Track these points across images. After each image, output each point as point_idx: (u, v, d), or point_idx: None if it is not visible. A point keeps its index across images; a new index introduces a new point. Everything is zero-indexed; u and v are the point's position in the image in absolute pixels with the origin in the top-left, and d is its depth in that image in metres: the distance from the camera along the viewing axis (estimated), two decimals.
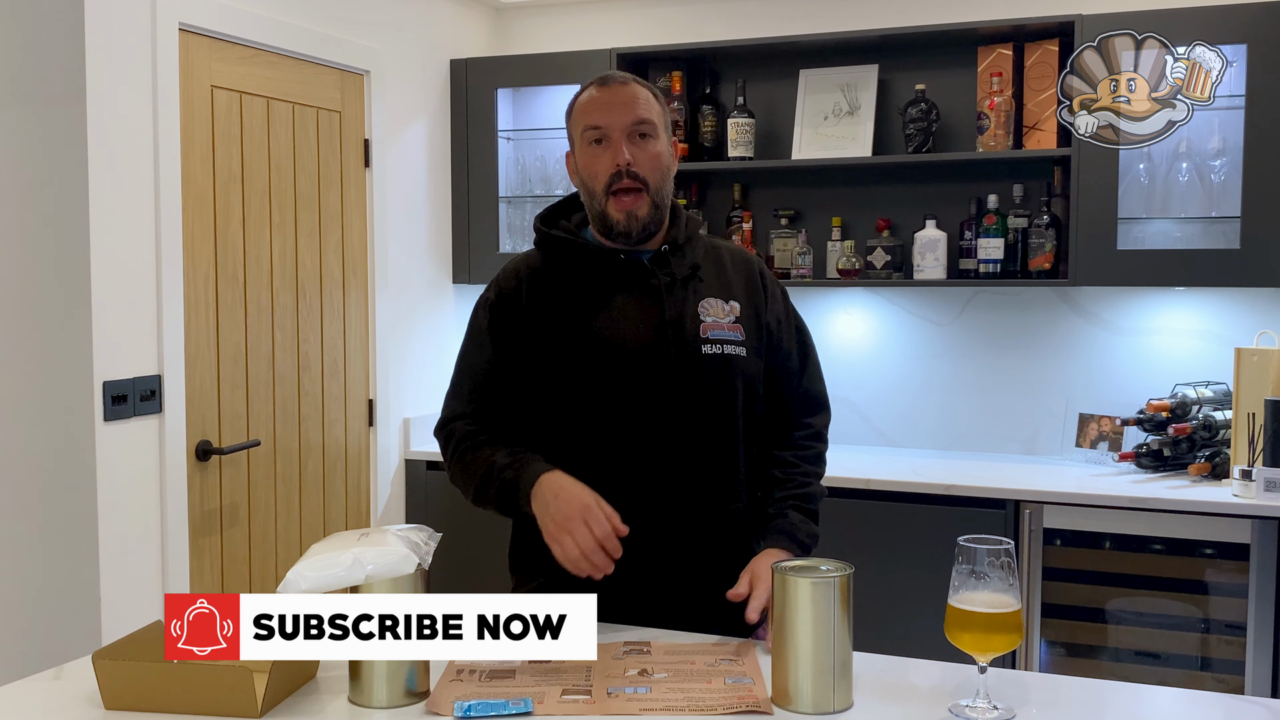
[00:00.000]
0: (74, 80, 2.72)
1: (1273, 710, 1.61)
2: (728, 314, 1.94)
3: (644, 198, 1.88)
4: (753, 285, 2.01)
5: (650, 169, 1.89)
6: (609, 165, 1.87)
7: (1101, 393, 3.72)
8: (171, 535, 2.98)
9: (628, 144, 1.88)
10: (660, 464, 1.88)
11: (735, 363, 1.92)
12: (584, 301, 1.91)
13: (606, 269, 1.93)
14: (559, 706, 1.53)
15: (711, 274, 1.97)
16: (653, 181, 1.89)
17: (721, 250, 2.04)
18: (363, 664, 1.54)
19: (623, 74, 1.94)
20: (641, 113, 1.89)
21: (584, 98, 1.94)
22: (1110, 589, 3.24)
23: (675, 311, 1.90)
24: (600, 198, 1.89)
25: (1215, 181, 3.41)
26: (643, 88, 1.92)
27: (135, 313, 2.88)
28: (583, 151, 1.92)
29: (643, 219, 1.89)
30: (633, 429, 1.87)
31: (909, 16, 3.79)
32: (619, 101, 1.89)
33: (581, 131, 1.91)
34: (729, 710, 1.51)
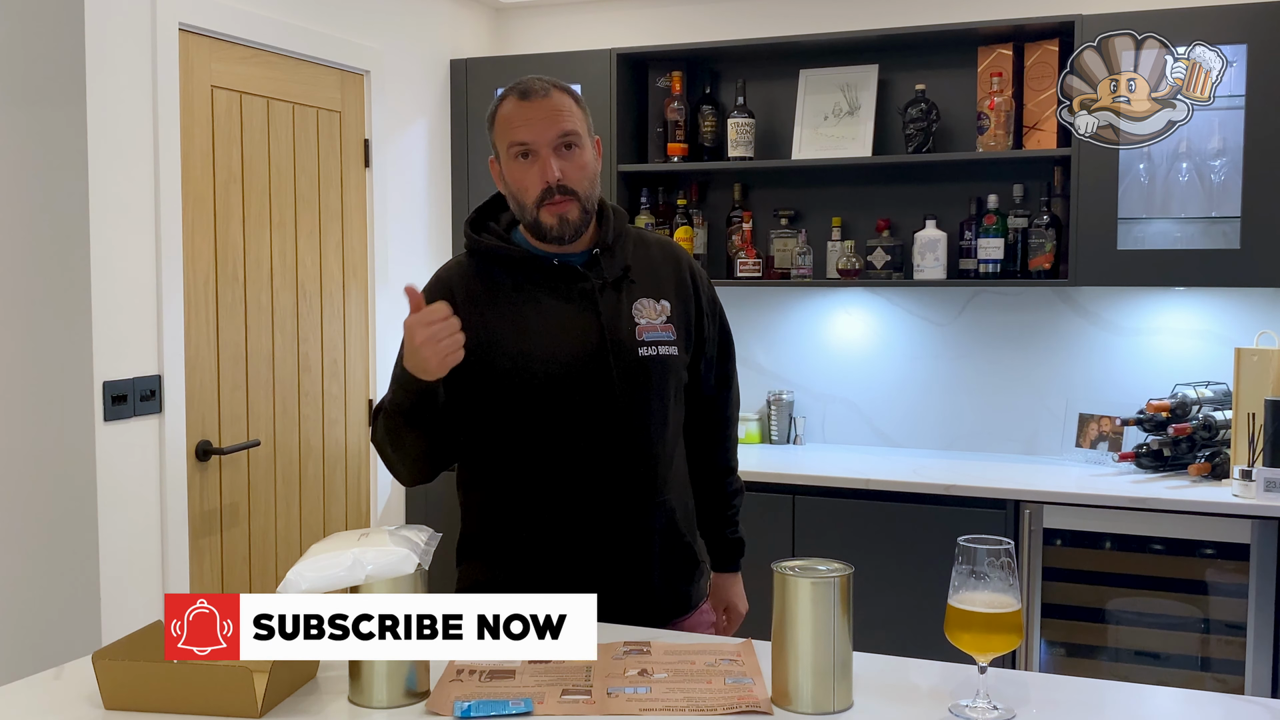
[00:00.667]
0: (74, 80, 2.72)
1: (1273, 710, 1.61)
2: (660, 314, 1.99)
3: (574, 203, 1.92)
4: (681, 279, 2.06)
5: (578, 179, 1.92)
6: (538, 181, 1.90)
7: (1101, 393, 3.72)
8: (171, 535, 2.98)
9: (555, 158, 1.90)
10: (599, 463, 1.93)
11: (669, 363, 1.98)
12: (517, 307, 1.94)
13: (539, 274, 1.96)
14: (559, 706, 1.53)
15: (642, 273, 2.02)
16: (582, 190, 1.93)
17: (649, 244, 2.08)
18: (363, 664, 1.54)
19: (542, 83, 1.94)
20: (565, 124, 1.91)
21: (506, 110, 1.94)
22: (1110, 589, 3.24)
23: (611, 315, 1.95)
24: (530, 210, 1.93)
25: (1215, 181, 3.41)
26: (564, 95, 1.94)
27: (135, 313, 2.88)
28: (510, 164, 1.94)
29: (574, 222, 1.93)
30: (574, 431, 1.92)
31: (909, 16, 3.79)
32: (542, 115, 1.90)
33: (507, 147, 1.93)
34: (729, 710, 1.51)
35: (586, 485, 1.93)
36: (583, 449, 1.93)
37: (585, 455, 1.93)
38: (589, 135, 1.97)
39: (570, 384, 1.91)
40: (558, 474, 1.92)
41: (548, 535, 1.94)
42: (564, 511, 1.91)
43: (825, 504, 3.49)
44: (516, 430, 1.94)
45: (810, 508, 3.50)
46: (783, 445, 4.04)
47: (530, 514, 1.96)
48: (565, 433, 1.92)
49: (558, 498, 1.92)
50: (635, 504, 1.96)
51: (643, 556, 1.98)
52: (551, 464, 1.93)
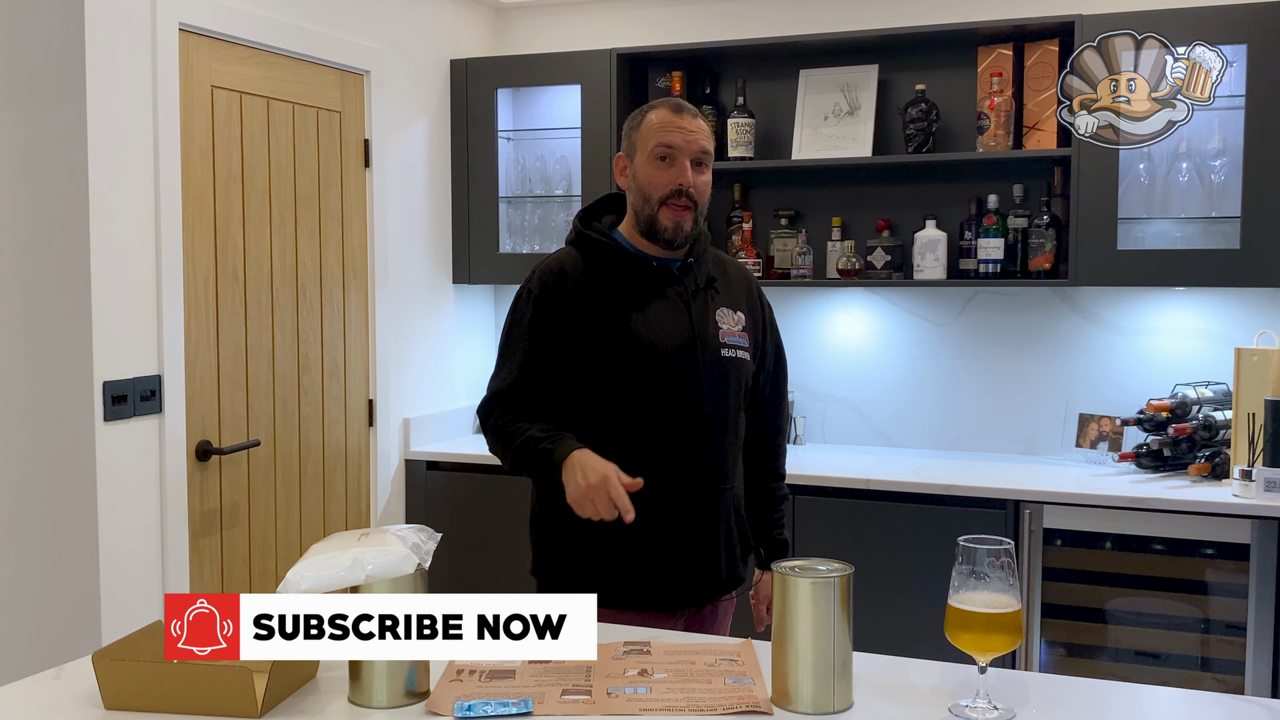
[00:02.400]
0: (74, 80, 2.72)
1: (1273, 710, 1.61)
2: (737, 323, 2.23)
3: (692, 214, 2.15)
4: (751, 298, 2.32)
5: (702, 193, 2.17)
6: (672, 181, 2.12)
7: (1101, 393, 3.72)
8: (171, 535, 2.98)
9: (692, 168, 2.14)
10: (683, 450, 2.13)
11: (743, 366, 2.23)
12: (622, 302, 2.14)
13: (640, 273, 2.17)
14: (559, 706, 1.53)
15: (723, 286, 2.26)
16: (701, 204, 2.17)
17: (726, 264, 2.33)
18: (363, 664, 1.54)
19: (691, 106, 2.19)
20: (705, 144, 2.16)
21: (659, 117, 2.16)
22: (1110, 589, 3.24)
23: (700, 317, 2.17)
24: (654, 205, 2.13)
25: (1215, 181, 3.41)
26: (704, 122, 2.19)
27: (135, 313, 2.88)
28: (647, 163, 2.15)
29: (686, 231, 2.15)
30: (663, 419, 2.11)
31: (909, 16, 3.79)
32: (690, 130, 2.14)
33: (653, 147, 2.14)
34: (729, 710, 1.52)
35: (668, 469, 2.10)
36: (668, 435, 2.11)
37: (669, 441, 2.11)
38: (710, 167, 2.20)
39: (665, 372, 2.11)
40: (643, 457, 2.06)
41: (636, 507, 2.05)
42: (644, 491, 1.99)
43: (825, 504, 3.49)
44: (610, 414, 2.12)
45: (810, 508, 3.50)
46: None
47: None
48: (655, 419, 2.11)
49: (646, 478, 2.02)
50: (708, 489, 2.16)
51: (711, 537, 2.17)
52: (639, 447, 2.09)
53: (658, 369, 2.11)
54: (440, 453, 3.95)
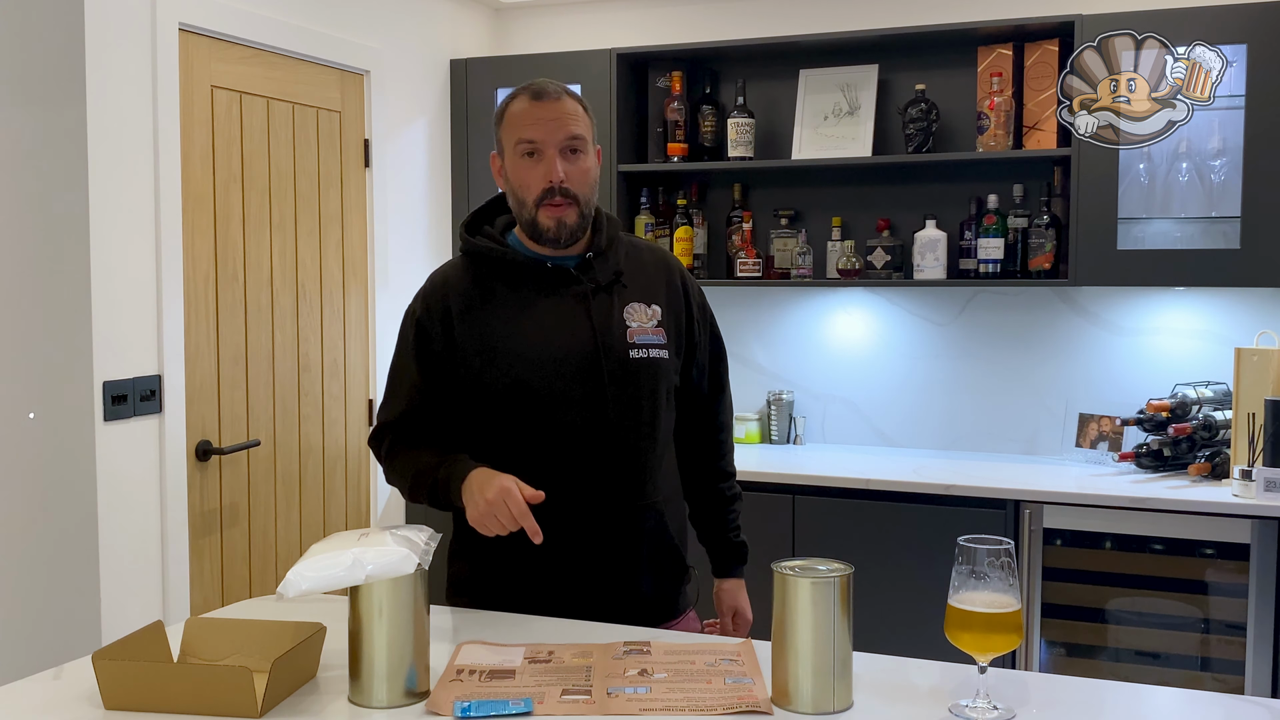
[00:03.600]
0: (74, 80, 2.72)
1: (1273, 710, 1.61)
2: (650, 318, 2.02)
3: (574, 209, 1.95)
4: (672, 286, 2.08)
5: (580, 183, 1.95)
6: (541, 180, 1.93)
7: (1101, 393, 3.72)
8: (171, 535, 2.98)
9: (560, 159, 1.93)
10: (591, 464, 1.95)
11: (660, 365, 2.01)
12: (512, 310, 1.97)
13: (533, 277, 1.99)
14: (559, 706, 1.53)
15: (634, 277, 2.04)
16: (582, 195, 1.96)
17: (641, 251, 2.11)
18: (362, 664, 1.54)
19: (555, 85, 1.99)
20: (574, 129, 1.95)
21: (517, 108, 1.98)
22: (1110, 589, 3.24)
23: (603, 318, 1.97)
24: (530, 208, 1.95)
25: (1215, 181, 3.41)
26: (574, 101, 1.98)
27: (135, 313, 2.88)
28: (514, 162, 1.97)
29: (571, 226, 1.95)
30: (567, 433, 1.94)
31: (909, 16, 3.79)
32: (552, 116, 1.94)
33: (515, 144, 1.96)
34: (729, 710, 1.51)
35: (576, 486, 1.94)
36: (573, 450, 1.95)
37: (575, 456, 1.95)
38: (593, 143, 2.01)
39: (563, 385, 1.94)
40: (547, 474, 1.91)
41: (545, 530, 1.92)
42: (552, 512, 1.90)
43: (825, 504, 3.49)
44: (508, 432, 1.96)
45: (810, 508, 3.50)
46: (783, 445, 4.04)
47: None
48: (557, 433, 1.94)
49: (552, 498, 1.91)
50: (624, 506, 1.98)
51: (631, 559, 1.99)
52: (542, 464, 1.93)
53: (552, 380, 1.93)
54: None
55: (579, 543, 1.96)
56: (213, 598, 3.14)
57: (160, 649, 1.65)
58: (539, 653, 1.72)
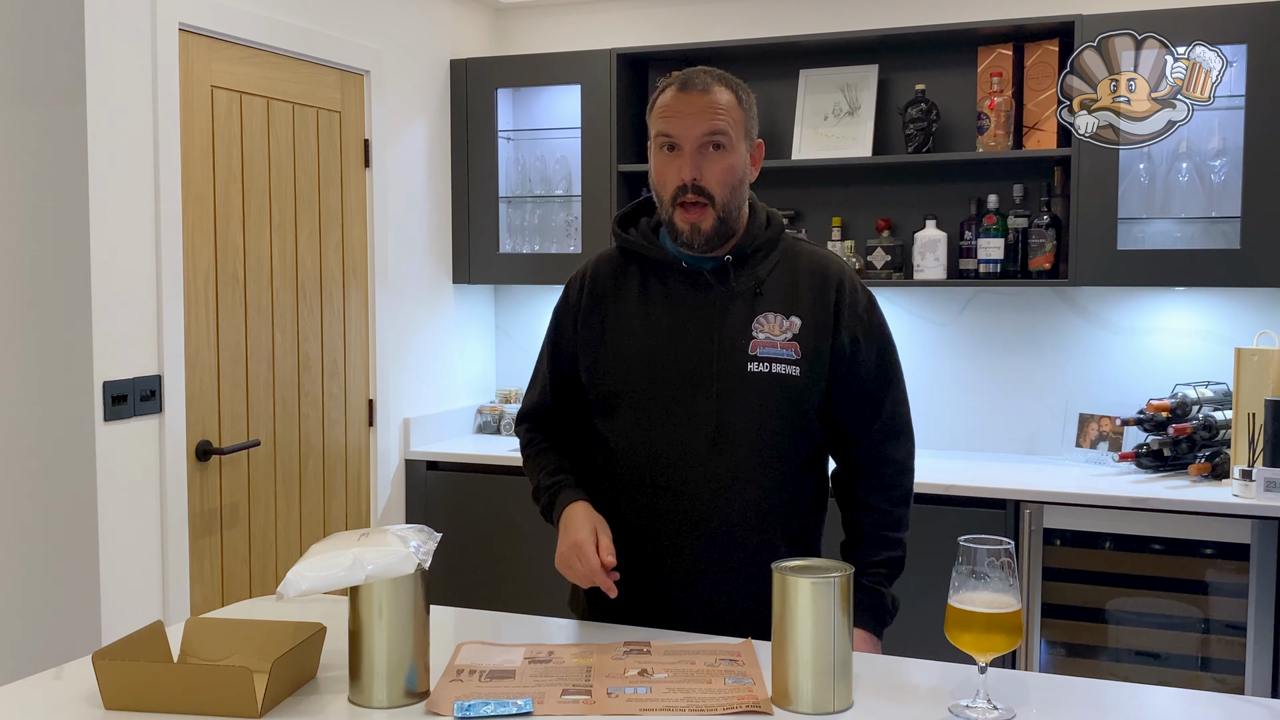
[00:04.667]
0: (74, 80, 2.72)
1: (1273, 710, 1.61)
2: (784, 330, 1.87)
3: (709, 211, 1.84)
4: (823, 300, 1.91)
5: (718, 182, 1.83)
6: (675, 177, 1.83)
7: (1101, 393, 3.72)
8: (171, 535, 2.98)
9: (697, 156, 1.82)
10: (695, 484, 1.86)
11: (783, 382, 1.86)
12: (633, 308, 1.91)
13: (668, 275, 1.91)
14: (559, 707, 1.53)
15: (778, 285, 1.90)
16: (720, 195, 1.84)
17: (799, 258, 1.95)
18: (363, 664, 1.54)
19: (706, 75, 1.86)
20: (717, 123, 1.82)
21: (663, 98, 1.87)
22: (1110, 589, 3.24)
23: (726, 326, 1.86)
24: (667, 207, 1.87)
25: (1215, 181, 3.41)
26: (725, 91, 1.85)
27: (135, 313, 2.88)
28: (655, 155, 1.88)
29: (706, 232, 1.84)
30: (668, 434, 1.86)
31: (909, 16, 3.79)
32: (694, 110, 1.82)
33: (655, 136, 1.86)
34: (729, 710, 1.51)
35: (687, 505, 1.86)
36: (673, 463, 1.86)
37: (682, 471, 1.86)
38: (745, 139, 1.88)
39: (666, 394, 1.86)
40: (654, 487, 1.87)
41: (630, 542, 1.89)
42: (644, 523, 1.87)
43: None
44: (620, 434, 1.90)
45: None
46: None
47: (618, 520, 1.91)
48: (664, 442, 1.86)
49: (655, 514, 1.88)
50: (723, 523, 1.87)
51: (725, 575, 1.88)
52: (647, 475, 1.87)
53: (653, 388, 1.86)
54: (440, 453, 3.95)
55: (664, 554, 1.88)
56: (213, 598, 3.14)
57: (160, 649, 1.65)
58: (539, 653, 1.72)
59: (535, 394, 2.04)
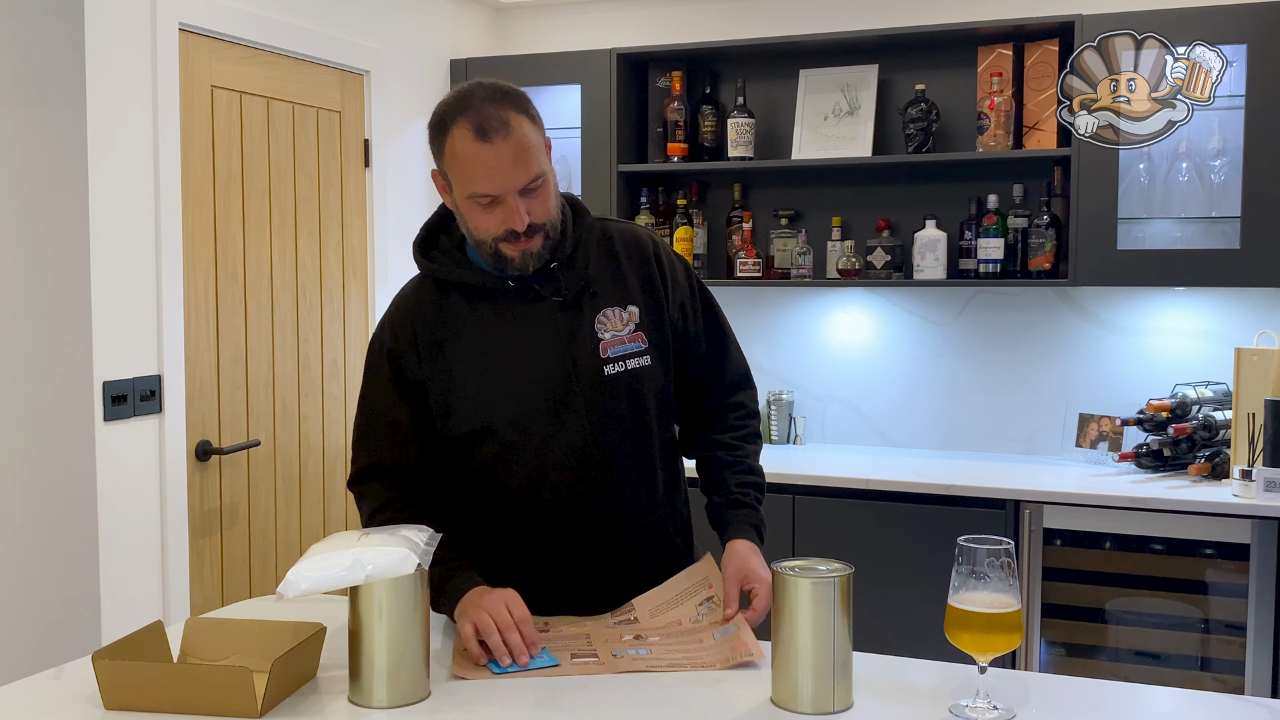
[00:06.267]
0: (74, 80, 2.72)
1: (1273, 710, 1.61)
2: (626, 323, 1.85)
3: (539, 237, 1.77)
4: (649, 277, 1.89)
5: (544, 212, 1.76)
6: (500, 225, 1.74)
7: (1101, 393, 3.72)
8: (171, 535, 2.98)
9: (523, 202, 1.73)
10: (577, 488, 1.83)
11: (641, 375, 1.85)
12: (478, 334, 1.82)
13: (496, 296, 1.83)
14: (574, 667, 1.62)
15: (605, 278, 1.86)
16: (548, 221, 1.77)
17: (614, 240, 1.90)
18: (363, 664, 1.54)
19: (499, 115, 1.71)
20: (533, 166, 1.72)
21: (462, 148, 1.72)
22: (1110, 589, 3.24)
23: (572, 335, 1.82)
24: (490, 245, 1.77)
25: (1215, 181, 3.41)
26: (522, 121, 1.73)
27: (135, 313, 2.88)
28: (466, 206, 1.76)
29: (539, 253, 1.78)
30: (546, 458, 1.82)
31: (909, 16, 3.78)
32: (508, 162, 1.70)
33: (466, 194, 1.74)
34: (725, 664, 1.63)
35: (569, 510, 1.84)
36: (558, 480, 1.82)
37: (562, 487, 1.82)
38: (547, 153, 1.80)
39: (538, 412, 1.81)
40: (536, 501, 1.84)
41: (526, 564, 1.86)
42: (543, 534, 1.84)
43: (825, 504, 3.49)
44: (488, 463, 1.84)
45: (810, 508, 3.50)
46: (783, 445, 4.04)
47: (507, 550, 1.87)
48: (538, 458, 1.82)
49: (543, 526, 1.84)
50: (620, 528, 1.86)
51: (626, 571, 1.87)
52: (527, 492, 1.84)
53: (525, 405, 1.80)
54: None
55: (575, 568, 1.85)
56: (213, 598, 3.14)
57: (160, 649, 1.65)
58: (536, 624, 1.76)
59: (386, 449, 1.85)
